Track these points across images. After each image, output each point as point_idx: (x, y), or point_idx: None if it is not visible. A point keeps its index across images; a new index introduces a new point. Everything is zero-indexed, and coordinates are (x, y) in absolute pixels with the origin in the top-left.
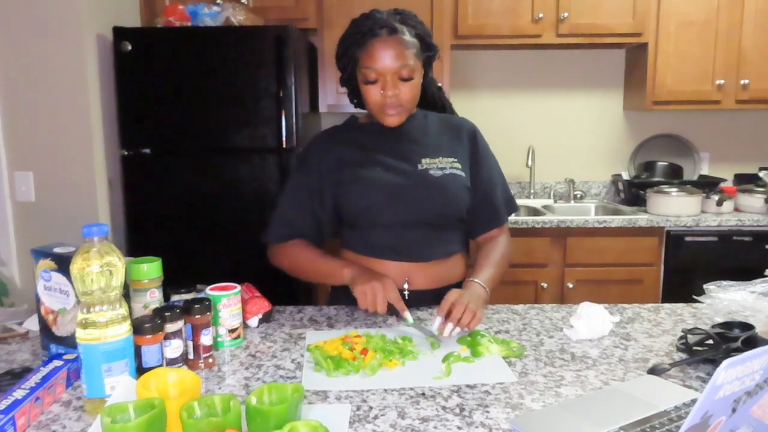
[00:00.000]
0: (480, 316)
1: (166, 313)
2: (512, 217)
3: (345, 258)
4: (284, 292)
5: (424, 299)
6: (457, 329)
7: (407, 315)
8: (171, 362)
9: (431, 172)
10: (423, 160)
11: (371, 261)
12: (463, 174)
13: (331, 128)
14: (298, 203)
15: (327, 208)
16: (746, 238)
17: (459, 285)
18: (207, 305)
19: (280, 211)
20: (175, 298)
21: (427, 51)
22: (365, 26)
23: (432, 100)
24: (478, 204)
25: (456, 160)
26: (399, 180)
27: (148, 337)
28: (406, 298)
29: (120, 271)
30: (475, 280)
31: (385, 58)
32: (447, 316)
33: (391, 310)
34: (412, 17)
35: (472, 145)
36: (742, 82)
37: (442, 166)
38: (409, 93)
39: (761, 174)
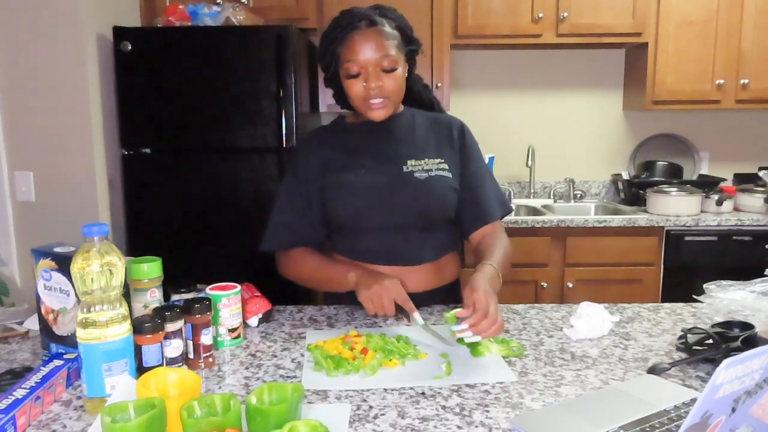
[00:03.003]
0: (502, 323)
1: (166, 313)
2: (512, 217)
3: (346, 261)
4: (284, 291)
5: (419, 301)
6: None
7: (416, 316)
8: (171, 362)
9: (416, 174)
10: (408, 162)
11: (363, 266)
12: (450, 175)
13: (317, 129)
14: (291, 209)
15: (317, 212)
16: (746, 238)
17: (452, 285)
18: (207, 305)
19: (274, 219)
20: (175, 297)
21: (409, 44)
22: (344, 21)
23: (419, 97)
24: (467, 201)
25: (442, 160)
26: (383, 183)
27: (148, 336)
28: None
29: (120, 270)
30: (487, 262)
31: (365, 49)
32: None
33: (400, 312)
34: (392, 11)
35: (460, 143)
36: (741, 81)
37: (428, 167)
38: (392, 84)
39: (761, 174)
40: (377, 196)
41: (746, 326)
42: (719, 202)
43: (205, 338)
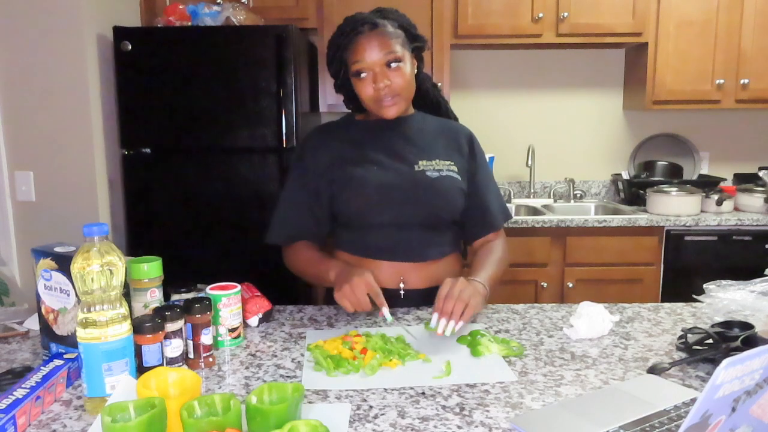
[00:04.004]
0: (474, 305)
1: (167, 313)
2: (512, 217)
3: (336, 259)
4: (284, 291)
5: (419, 298)
6: (453, 325)
7: (386, 311)
8: (171, 361)
9: (428, 173)
10: (420, 162)
11: (365, 261)
12: (459, 177)
13: (326, 124)
14: (296, 203)
15: (325, 206)
16: (746, 238)
17: None
18: (207, 304)
19: (279, 212)
20: (175, 297)
21: (414, 41)
22: (347, 27)
23: (427, 96)
24: (474, 209)
25: (452, 162)
26: (394, 180)
27: (148, 336)
28: (402, 297)
29: (120, 270)
30: (474, 279)
31: (370, 51)
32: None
33: (374, 305)
34: (393, 12)
35: (469, 151)
36: (741, 81)
37: (439, 168)
38: (400, 81)
39: (761, 173)
40: (388, 193)
41: (746, 326)
42: (719, 202)
43: (205, 338)
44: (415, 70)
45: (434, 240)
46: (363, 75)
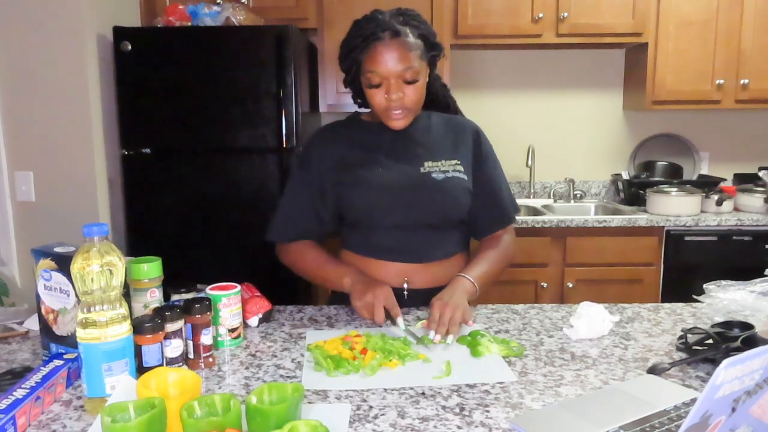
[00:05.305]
0: (457, 318)
1: (167, 313)
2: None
3: (345, 260)
4: (284, 291)
5: (423, 298)
6: (451, 336)
7: (400, 321)
8: (171, 362)
9: (434, 175)
10: (426, 163)
11: (371, 261)
12: (465, 177)
13: (332, 123)
14: (300, 201)
15: (329, 206)
16: (746, 238)
17: None
18: (207, 305)
19: (282, 210)
20: (175, 297)
21: (432, 50)
22: (368, 29)
23: (436, 97)
24: (484, 204)
25: (458, 162)
26: (401, 182)
27: (148, 336)
28: (405, 297)
29: (120, 270)
30: (464, 275)
31: (388, 61)
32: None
33: (389, 317)
34: (416, 17)
35: (475, 146)
36: (741, 81)
37: (445, 169)
38: (413, 96)
39: (761, 174)
40: (394, 195)
41: (746, 326)
42: (719, 202)
43: (205, 338)
44: (428, 78)
45: (440, 241)
46: (376, 85)
